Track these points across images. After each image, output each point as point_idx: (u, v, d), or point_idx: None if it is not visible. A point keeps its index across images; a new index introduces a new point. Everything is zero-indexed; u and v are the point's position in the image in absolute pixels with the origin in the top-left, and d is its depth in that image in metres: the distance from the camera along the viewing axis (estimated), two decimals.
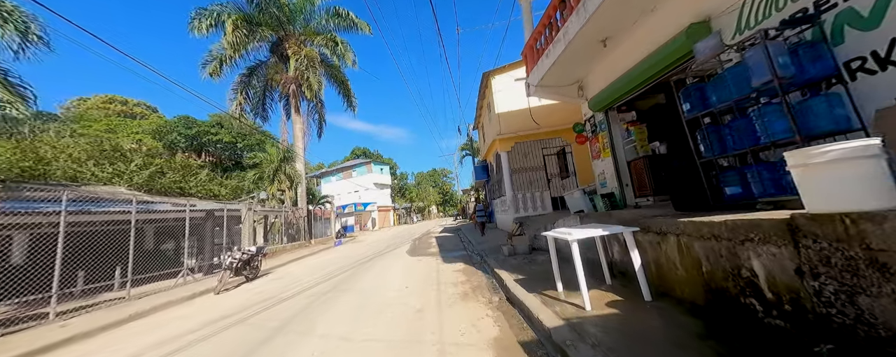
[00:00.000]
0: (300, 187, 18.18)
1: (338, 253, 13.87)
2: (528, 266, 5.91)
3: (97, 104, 55.80)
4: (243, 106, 16.88)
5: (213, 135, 51.29)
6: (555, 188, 12.07)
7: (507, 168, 12.18)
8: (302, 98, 19.07)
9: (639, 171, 6.48)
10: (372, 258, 10.62)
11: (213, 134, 51.24)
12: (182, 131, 50.59)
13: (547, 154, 12.29)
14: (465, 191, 43.64)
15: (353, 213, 37.68)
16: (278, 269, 10.04)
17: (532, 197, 11.98)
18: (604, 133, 7.20)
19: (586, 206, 7.98)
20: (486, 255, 8.12)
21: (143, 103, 60.83)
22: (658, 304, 3.11)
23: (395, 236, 21.89)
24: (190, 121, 51.16)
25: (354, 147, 57.72)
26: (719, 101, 3.61)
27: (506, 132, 12.14)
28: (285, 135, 19.17)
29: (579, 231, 3.49)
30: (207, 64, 16.50)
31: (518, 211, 11.98)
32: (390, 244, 15.68)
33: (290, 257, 12.81)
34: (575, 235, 3.38)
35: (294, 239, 17.50)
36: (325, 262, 10.51)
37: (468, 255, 9.55)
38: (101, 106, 55.74)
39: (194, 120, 50.78)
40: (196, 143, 53.37)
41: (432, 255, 9.84)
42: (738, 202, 3.48)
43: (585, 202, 8.04)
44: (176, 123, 50.68)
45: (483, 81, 13.43)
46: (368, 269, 8.25)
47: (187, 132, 50.47)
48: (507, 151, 12.26)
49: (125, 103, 59.00)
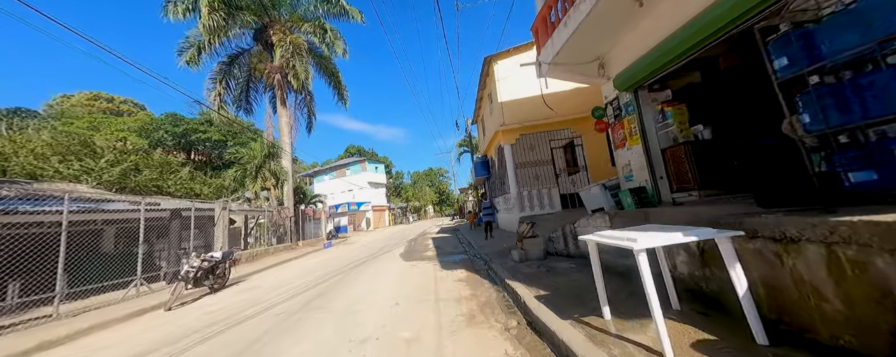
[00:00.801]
0: (286, 185, 16.92)
1: (325, 256, 12.66)
2: (549, 277, 4.78)
3: (82, 101, 53.97)
4: (223, 96, 15.58)
5: (201, 133, 49.60)
6: (563, 185, 10.97)
7: (511, 162, 11.06)
8: (288, 89, 17.80)
9: (677, 161, 5.38)
10: (362, 263, 9.44)
11: (201, 132, 49.55)
12: (169, 129, 48.88)
13: (555, 147, 11.19)
14: (463, 190, 42.50)
15: (346, 212, 36.39)
16: (253, 277, 8.82)
17: (539, 194, 10.87)
18: (632, 116, 6.09)
19: (607, 203, 6.87)
20: (492, 260, 6.99)
21: (130, 101, 59.05)
22: (784, 352, 1.99)
23: (389, 237, 20.70)
24: (177, 118, 49.53)
25: (349, 145, 56.36)
26: (842, 49, 2.50)
27: (510, 123, 11.02)
28: (271, 129, 17.89)
29: (646, 236, 2.36)
30: (184, 51, 15.17)
31: (523, 209, 10.87)
32: (383, 246, 14.51)
33: (272, 261, 11.58)
34: (642, 242, 2.25)
35: (281, 240, 16.26)
36: (307, 268, 9.31)
37: (469, 259, 8.41)
38: (86, 103, 53.93)
39: (182, 117, 49.12)
40: (184, 142, 51.48)
41: (429, 260, 8.70)
42: (871, 193, 2.38)
43: (606, 199, 6.93)
44: (162, 121, 48.99)
45: (484, 68, 12.30)
46: (354, 278, 7.07)
47: (174, 130, 48.79)
48: (512, 144, 11.14)
49: (111, 101, 57.21)
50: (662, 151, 5.69)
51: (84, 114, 46.73)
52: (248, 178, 15.88)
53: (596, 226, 5.17)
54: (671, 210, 4.70)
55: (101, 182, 15.50)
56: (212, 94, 15.22)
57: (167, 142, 47.28)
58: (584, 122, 10.76)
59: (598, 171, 10.52)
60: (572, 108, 10.73)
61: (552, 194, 10.80)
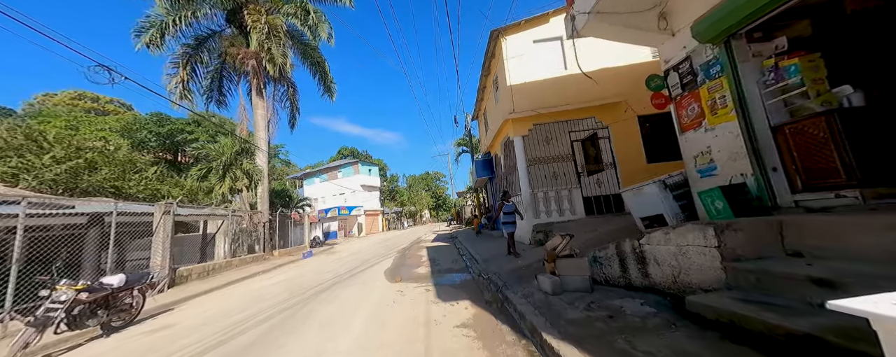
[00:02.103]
0: (261, 186, 14.81)
1: (297, 271, 10.55)
2: (621, 335, 2.76)
3: (65, 100, 51.63)
4: (187, 83, 13.49)
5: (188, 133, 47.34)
6: (587, 186, 9.00)
7: (522, 158, 9.08)
8: (266, 78, 15.78)
9: (807, 143, 3.43)
10: (335, 283, 7.37)
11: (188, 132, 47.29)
12: (153, 129, 46.54)
13: (576, 139, 9.24)
14: (461, 194, 40.50)
15: (336, 217, 34.19)
16: (183, 306, 6.72)
17: (557, 196, 8.89)
18: (718, 81, 4.15)
19: (670, 208, 4.92)
20: (508, 287, 4.98)
21: (116, 101, 56.70)
22: None
23: (379, 245, 18.59)
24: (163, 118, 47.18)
25: (341, 146, 54.25)
26: None
27: (521, 110, 9.07)
28: (246, 123, 15.82)
29: None
30: (143, 31, 13.12)
31: (538, 215, 8.88)
32: (370, 257, 12.43)
33: (229, 278, 9.45)
34: None
35: (252, 250, 14.10)
36: (261, 293, 7.19)
37: (474, 281, 6.39)
38: (69, 102, 51.58)
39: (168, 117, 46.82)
40: (170, 143, 49.27)
41: (421, 281, 6.65)
42: None
43: (667, 203, 4.99)
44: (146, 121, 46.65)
45: (490, 46, 10.37)
46: (313, 314, 5.02)
47: (159, 130, 46.47)
48: (523, 136, 9.17)
49: (96, 100, 54.90)
50: (774, 130, 3.74)
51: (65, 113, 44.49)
52: (214, 176, 13.76)
53: (699, 243, 3.17)
54: (856, 219, 2.73)
55: (43, 181, 13.34)
56: (172, 79, 13.14)
57: (151, 142, 44.99)
58: (611, 110, 8.85)
59: (630, 168, 8.58)
60: (598, 93, 8.81)
61: (573, 197, 8.83)
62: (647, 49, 8.95)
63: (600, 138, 9.08)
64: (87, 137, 25.63)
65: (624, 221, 7.18)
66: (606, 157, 8.96)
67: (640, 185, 5.40)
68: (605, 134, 9.01)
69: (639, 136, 8.72)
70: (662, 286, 3.52)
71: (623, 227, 6.60)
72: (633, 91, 8.72)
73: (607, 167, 8.92)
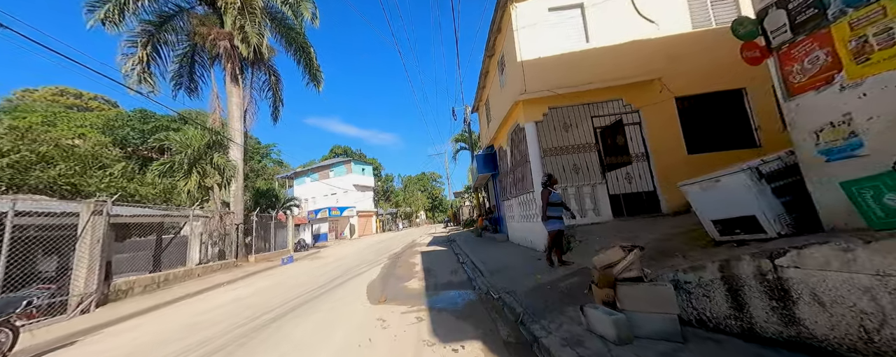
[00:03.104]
0: (234, 184, 13.14)
1: (266, 283, 8.92)
2: None
3: (45, 96, 49.43)
4: (147, 66, 11.79)
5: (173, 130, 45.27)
6: (614, 182, 7.50)
7: (535, 148, 7.56)
8: (243, 63, 14.14)
9: None
10: (304, 303, 5.78)
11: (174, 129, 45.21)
12: (137, 126, 44.46)
13: (601, 125, 7.75)
14: (458, 194, 38.97)
15: (326, 218, 32.47)
16: (96, 336, 5.09)
17: (578, 194, 7.37)
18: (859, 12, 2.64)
19: (769, 207, 3.41)
20: (533, 319, 3.43)
21: (100, 97, 54.54)
22: None
23: (369, 248, 16.97)
24: (147, 114, 45.18)
25: (334, 145, 52.44)
26: None
27: (535, 91, 7.55)
28: (219, 112, 14.14)
29: None
30: (98, 5, 11.43)
31: None
32: (356, 264, 10.83)
33: (177, 293, 7.79)
34: None
35: (223, 256, 12.43)
36: (196, 320, 5.57)
37: (480, 301, 4.84)
38: (50, 98, 49.43)
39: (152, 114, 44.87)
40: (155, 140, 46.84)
41: (411, 302, 5.08)
42: None
43: (765, 200, 3.48)
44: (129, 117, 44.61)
45: (496, 17, 8.84)
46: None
47: (143, 127, 44.41)
48: (536, 122, 7.66)
49: (79, 96, 52.76)
50: None
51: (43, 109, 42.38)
52: (178, 172, 12.07)
53: None
54: None
55: None
56: (128, 60, 11.43)
57: (134, 140, 42.97)
58: (643, 90, 7.36)
59: (667, 161, 7.10)
60: (626, 69, 7.33)
61: (598, 194, 7.32)
62: (686, 16, 7.50)
63: (628, 124, 7.59)
64: (64, 134, 23.76)
65: (671, 225, 5.67)
66: (636, 146, 7.47)
67: (714, 175, 3.89)
68: (635, 119, 7.52)
69: (677, 121, 7.24)
70: (831, 343, 2.00)
71: (675, 234, 5.10)
72: (669, 67, 7.26)
73: (638, 159, 7.42)
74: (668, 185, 7.00)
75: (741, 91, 7.10)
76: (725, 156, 6.78)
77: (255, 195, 25.20)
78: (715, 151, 6.94)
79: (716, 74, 7.07)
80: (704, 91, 7.17)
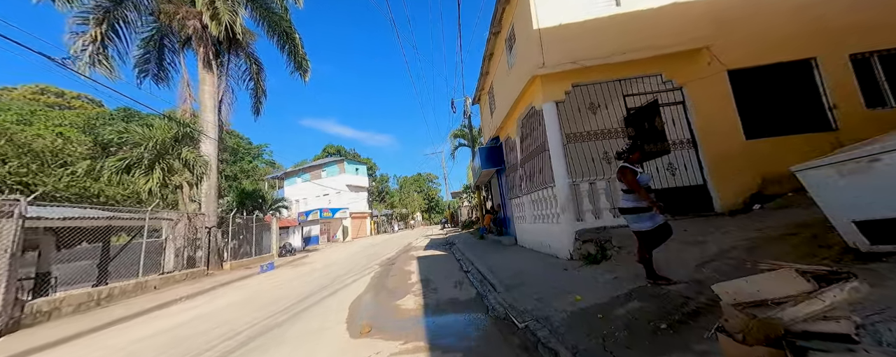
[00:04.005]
0: (206, 181, 11.64)
1: (229, 298, 7.48)
2: None
3: (25, 95, 47.39)
4: (102, 47, 10.24)
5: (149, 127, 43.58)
6: (651, 175, 6.19)
7: (555, 133, 6.21)
8: (218, 48, 12.67)
9: None
10: (254, 337, 4.36)
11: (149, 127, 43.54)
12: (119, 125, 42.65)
13: (636, 106, 6.43)
14: (456, 194, 37.61)
15: (317, 220, 30.90)
16: None
17: (610, 189, 6.04)
18: None
19: None
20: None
21: (83, 96, 52.49)
22: None
23: (361, 253, 15.52)
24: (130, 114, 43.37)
25: (327, 144, 50.81)
26: None
27: (555, 64, 6.21)
28: (190, 102, 12.63)
29: None
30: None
31: (581, 217, 6.02)
32: (344, 271, 9.41)
33: (121, 312, 6.31)
34: None
35: (192, 263, 10.93)
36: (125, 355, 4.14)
37: (501, 334, 3.44)
38: (30, 97, 47.42)
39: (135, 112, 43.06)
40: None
41: (405, 332, 3.69)
42: None
43: None
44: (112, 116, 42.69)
45: None
46: None
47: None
48: (557, 102, 6.32)
49: (61, 95, 50.75)
50: None
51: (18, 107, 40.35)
52: (137, 169, 10.52)
53: None
54: None
55: None
56: (79, 39, 9.89)
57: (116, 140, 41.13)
58: (686, 61, 6.06)
59: (720, 148, 5.80)
60: (666, 38, 6.03)
61: None
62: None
63: (667, 105, 6.27)
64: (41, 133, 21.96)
65: (739, 227, 4.35)
66: (678, 131, 6.15)
67: (864, 151, 2.57)
68: (677, 97, 6.21)
69: (731, 99, 5.94)
70: None
71: (763, 240, 3.77)
72: (719, 34, 5.97)
73: (680, 146, 6.11)
74: (721, 178, 5.71)
75: (810, 61, 5.82)
76: (793, 141, 5.52)
77: (239, 196, 23.62)
78: (779, 136, 5.66)
79: (778, 41, 5.80)
80: (763, 62, 5.88)
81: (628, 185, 3.59)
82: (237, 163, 48.63)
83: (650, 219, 3.50)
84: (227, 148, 49.16)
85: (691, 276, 3.45)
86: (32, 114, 37.22)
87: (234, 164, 47.98)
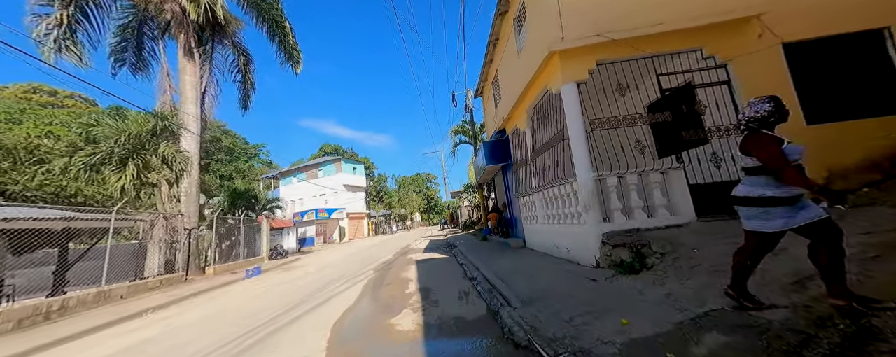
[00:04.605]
0: (186, 180, 10.70)
1: (208, 310, 6.55)
2: None
3: (16, 94, 46.39)
4: (70, 30, 9.29)
5: None
6: (696, 167, 5.28)
7: (576, 119, 5.30)
8: (201, 35, 11.74)
9: None
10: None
11: None
12: None
13: (672, 86, 5.51)
14: (455, 193, 36.68)
15: (313, 221, 29.95)
16: None
17: (641, 184, 5.14)
18: None
19: None
20: None
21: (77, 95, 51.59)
22: None
23: (356, 255, 14.58)
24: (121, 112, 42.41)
25: (323, 143, 49.82)
26: None
27: (578, 37, 5.30)
28: (170, 94, 11.68)
29: None
30: None
31: (609, 216, 5.11)
32: (335, 277, 8.48)
33: (66, 330, 5.39)
34: None
35: (170, 268, 9.99)
36: None
37: None
38: (22, 95, 46.44)
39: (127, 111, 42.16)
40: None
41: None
42: None
43: None
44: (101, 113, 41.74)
45: None
46: None
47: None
48: (579, 82, 5.41)
49: (54, 94, 49.83)
50: None
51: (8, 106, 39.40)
52: (107, 166, 9.57)
53: None
54: None
55: None
56: (42, 22, 8.93)
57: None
58: (732, 33, 5.16)
59: None
60: (708, 5, 5.13)
61: (672, 184, 5.10)
62: None
63: (708, 85, 5.36)
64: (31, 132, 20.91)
65: None
66: (721, 115, 5.24)
67: None
68: (721, 76, 5.31)
69: (787, 77, 5.03)
70: None
71: (887, 245, 2.86)
72: (771, 0, 5.06)
73: (726, 133, 5.20)
74: None
75: (882, 32, 4.92)
76: (864, 126, 4.62)
77: (231, 196, 22.67)
78: (847, 120, 4.76)
79: (843, 9, 4.90)
80: (825, 34, 4.98)
81: (770, 161, 2.24)
82: (232, 162, 47.57)
83: (789, 214, 2.26)
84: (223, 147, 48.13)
85: (791, 300, 2.52)
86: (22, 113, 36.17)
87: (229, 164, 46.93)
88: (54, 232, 6.83)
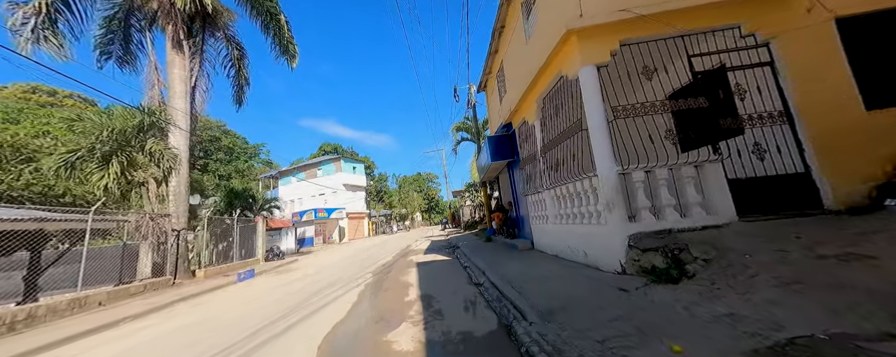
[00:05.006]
0: (175, 178, 10.14)
1: (188, 319, 5.98)
2: None
3: (15, 94, 46.09)
4: (50, 20, 8.73)
5: None
6: (738, 160, 4.66)
7: (597, 107, 4.69)
8: (190, 26, 11.17)
9: None
10: None
11: None
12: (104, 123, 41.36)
13: (704, 69, 4.89)
14: (457, 192, 36.07)
15: (313, 221, 29.40)
16: None
17: (672, 179, 4.53)
18: None
19: None
20: None
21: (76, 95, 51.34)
22: None
23: (355, 257, 14.00)
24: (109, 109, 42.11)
25: (323, 143, 49.27)
26: None
27: (599, 13, 4.69)
28: (159, 87, 11.12)
29: None
30: None
31: (635, 215, 4.51)
32: (331, 282, 7.90)
33: (25, 345, 4.82)
34: None
35: (158, 272, 9.44)
36: None
37: None
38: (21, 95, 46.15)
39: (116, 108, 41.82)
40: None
41: None
42: None
43: None
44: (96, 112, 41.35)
45: None
46: None
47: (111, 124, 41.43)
48: (599, 65, 4.80)
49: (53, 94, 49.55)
50: None
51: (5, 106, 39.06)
52: (88, 164, 9.02)
53: None
54: None
55: None
56: (19, 10, 8.37)
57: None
58: (776, 6, 4.55)
59: (827, 124, 4.27)
60: None
61: (707, 179, 4.49)
62: None
63: (748, 66, 4.74)
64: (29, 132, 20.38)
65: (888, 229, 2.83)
66: (764, 101, 4.62)
67: None
68: (762, 56, 4.69)
69: (841, 57, 4.40)
70: None
71: None
72: None
73: (769, 121, 4.57)
74: (833, 163, 4.18)
75: None
76: None
77: (227, 195, 22.14)
78: None
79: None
80: (885, 6, 4.35)
81: None
82: (232, 162, 47.07)
83: None
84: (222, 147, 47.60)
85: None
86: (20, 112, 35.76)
87: (228, 164, 46.43)
88: (25, 233, 6.26)
